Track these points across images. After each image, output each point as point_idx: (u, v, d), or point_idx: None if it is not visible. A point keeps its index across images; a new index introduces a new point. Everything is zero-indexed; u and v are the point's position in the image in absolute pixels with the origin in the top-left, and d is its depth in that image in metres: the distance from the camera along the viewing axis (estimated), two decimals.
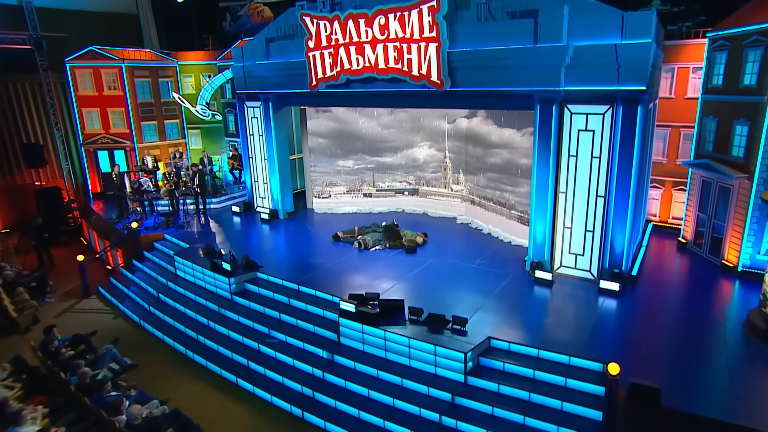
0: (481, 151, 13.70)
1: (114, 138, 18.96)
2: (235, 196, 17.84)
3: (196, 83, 20.66)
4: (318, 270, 11.15)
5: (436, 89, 10.95)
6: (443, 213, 15.27)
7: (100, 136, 18.82)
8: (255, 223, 15.12)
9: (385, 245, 12.52)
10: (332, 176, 15.98)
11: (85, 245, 16.98)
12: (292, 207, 15.83)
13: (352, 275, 10.82)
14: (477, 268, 11.09)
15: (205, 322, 10.64)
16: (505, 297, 9.68)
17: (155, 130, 19.83)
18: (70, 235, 17.79)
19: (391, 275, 10.77)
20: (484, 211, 13.86)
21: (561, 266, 10.65)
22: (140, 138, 19.35)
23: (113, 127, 18.90)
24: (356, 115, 15.35)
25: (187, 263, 12.09)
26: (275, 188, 15.42)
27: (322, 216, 15.66)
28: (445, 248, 12.39)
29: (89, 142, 18.79)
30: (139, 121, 19.26)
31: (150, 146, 19.68)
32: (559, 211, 10.39)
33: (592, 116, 9.60)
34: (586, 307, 9.25)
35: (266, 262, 11.60)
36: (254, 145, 15.76)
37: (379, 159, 15.71)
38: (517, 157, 12.40)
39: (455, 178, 14.95)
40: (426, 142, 15.26)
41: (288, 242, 13.51)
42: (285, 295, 10.36)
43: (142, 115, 19.32)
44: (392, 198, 15.93)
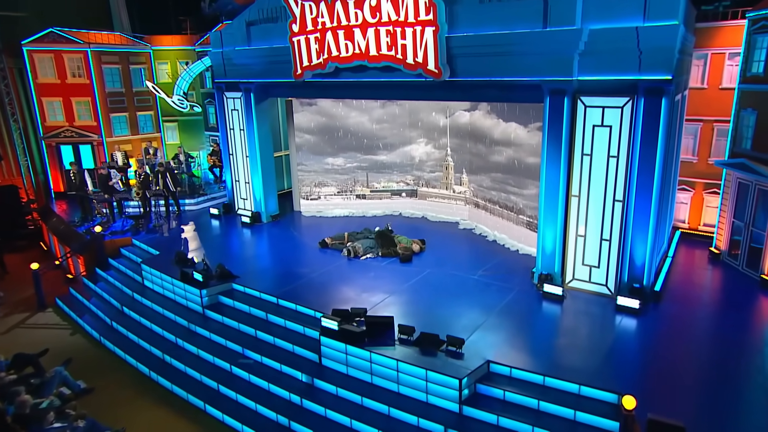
0: (483, 148, 13.64)
1: (79, 131, 18.85)
2: (215, 197, 17.90)
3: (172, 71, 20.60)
4: (301, 281, 11.06)
5: (434, 79, 10.86)
6: (444, 217, 15.22)
7: (64, 129, 18.69)
8: (235, 228, 15.11)
9: (378, 253, 12.46)
10: (322, 176, 15.97)
11: (45, 251, 16.91)
12: (276, 209, 15.81)
13: (339, 287, 10.74)
14: (479, 280, 10.97)
15: (172, 340, 10.55)
16: (509, 314, 9.52)
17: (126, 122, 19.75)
18: (28, 240, 17.70)
19: (381, 287, 10.66)
20: (489, 215, 13.79)
21: (573, 279, 10.50)
22: (109, 131, 19.27)
23: (78, 119, 18.77)
24: (346, 108, 15.35)
25: (155, 272, 12.02)
26: (258, 188, 15.38)
27: (310, 220, 15.62)
28: (445, 257, 12.30)
29: (51, 136, 18.65)
30: (108, 112, 19.18)
31: (120, 141, 19.60)
32: (571, 217, 10.23)
33: (609, 110, 9.44)
34: (600, 327, 9.08)
35: (244, 272, 11.53)
36: (235, 141, 15.71)
37: (372, 157, 15.73)
38: (523, 155, 12.30)
39: (458, 178, 14.90)
40: (423, 139, 15.27)
41: (270, 249, 13.49)
42: (262, 310, 10.26)
43: (111, 105, 19.21)
44: (388, 200, 15.94)
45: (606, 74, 9.28)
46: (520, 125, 12.24)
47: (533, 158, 11.85)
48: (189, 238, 14.34)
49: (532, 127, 11.86)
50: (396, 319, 8.96)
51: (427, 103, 14.71)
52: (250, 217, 15.17)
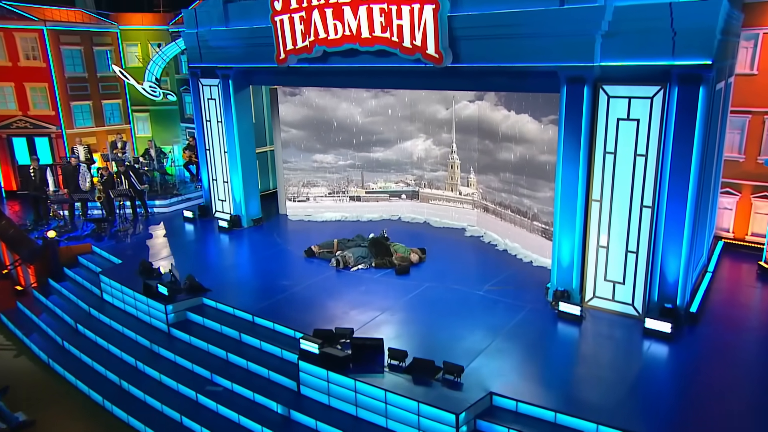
0: (491, 145, 13.60)
1: (34, 122, 18.86)
2: (191, 198, 18.00)
3: (143, 54, 20.62)
4: (282, 296, 11.04)
5: (434, 65, 10.79)
6: (449, 222, 15.22)
7: (16, 119, 18.67)
8: (211, 233, 15.17)
9: (370, 264, 12.44)
10: (310, 174, 16.03)
11: None
12: (259, 213, 15.84)
13: (324, 303, 10.70)
14: (485, 296, 10.91)
15: (131, 363, 10.48)
16: (518, 337, 9.41)
17: (90, 112, 19.79)
18: None
19: (373, 304, 10.61)
20: (500, 221, 13.75)
21: (593, 297, 10.39)
22: (70, 122, 19.28)
23: (33, 107, 18.78)
24: (335, 99, 15.40)
25: (115, 285, 12.01)
26: (237, 189, 15.39)
27: (297, 224, 15.67)
28: (447, 269, 12.24)
29: (1, 127, 18.60)
30: (68, 100, 19.18)
31: (83, 133, 19.62)
32: (592, 225, 10.11)
33: (636, 101, 9.32)
34: (625, 355, 8.92)
35: (217, 285, 11.51)
36: (211, 134, 15.75)
37: (367, 154, 15.79)
38: (535, 153, 12.24)
39: (464, 178, 14.87)
40: (422, 134, 15.32)
41: (249, 258, 13.51)
42: (236, 329, 10.23)
43: (72, 93, 19.19)
44: (386, 202, 16.01)
45: (633, 59, 9.16)
46: (532, 118, 12.19)
47: (547, 156, 11.79)
48: (157, 245, 14.34)
49: (547, 120, 11.81)
50: (386, 342, 8.87)
51: (426, 93, 14.67)
52: (228, 222, 15.20)
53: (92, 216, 16.12)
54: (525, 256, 12.73)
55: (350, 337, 9.01)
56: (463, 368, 8.16)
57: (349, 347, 8.78)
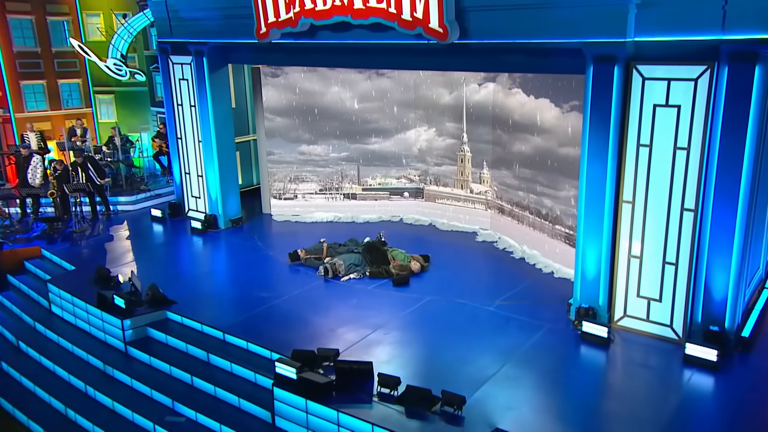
0: (504, 135, 13.55)
1: None
2: (161, 194, 18.09)
3: (106, 26, 20.67)
4: (259, 309, 11.04)
5: (438, 42, 10.70)
6: (458, 225, 15.28)
7: None
8: (182, 235, 15.19)
9: (364, 273, 12.46)
10: (299, 168, 16.13)
11: None
12: (238, 212, 15.91)
13: (308, 318, 10.68)
14: (496, 312, 10.84)
15: (81, 388, 10.39)
16: (533, 362, 9.29)
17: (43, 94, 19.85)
18: None
19: (364, 320, 10.56)
20: (517, 224, 13.76)
21: (624, 316, 10.26)
22: (19, 105, 19.34)
23: None
24: (323, 82, 15.46)
25: (65, 295, 11.97)
26: (214, 184, 15.43)
27: (282, 226, 15.74)
28: (453, 279, 12.22)
29: None
30: (17, 79, 19.22)
31: (35, 117, 19.65)
32: (622, 231, 9.98)
33: (677, 83, 9.15)
34: (661, 387, 8.74)
35: (185, 296, 11.49)
36: (183, 120, 15.81)
37: (362, 146, 15.87)
38: (555, 144, 12.14)
39: (476, 174, 14.87)
40: (424, 123, 15.40)
41: (225, 265, 13.54)
42: (203, 348, 10.19)
43: (21, 70, 19.20)
44: (386, 201, 16.11)
45: (674, 33, 9.00)
46: (552, 104, 12.11)
47: (570, 149, 11.69)
48: (118, 248, 14.36)
49: (569, 106, 11.71)
50: (377, 366, 8.78)
51: (428, 74, 14.65)
52: (202, 222, 15.24)
53: (44, 215, 16.12)
54: (545, 265, 12.68)
55: (334, 360, 8.93)
56: (464, 399, 8.02)
57: (332, 372, 8.70)
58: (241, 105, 17.75)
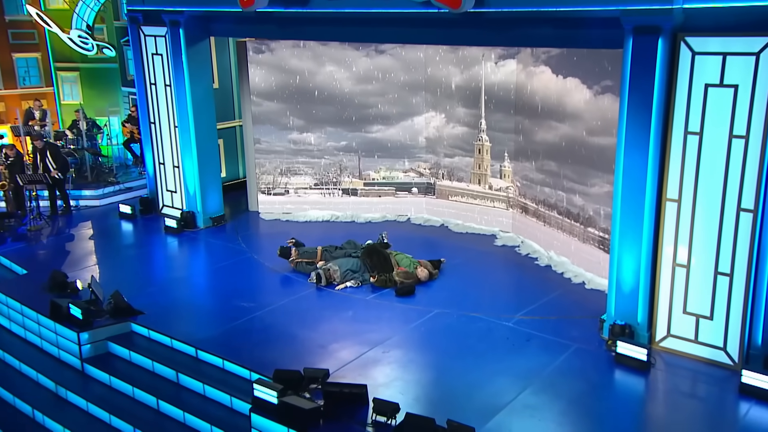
0: (527, 122, 13.45)
1: None
2: (133, 187, 18.08)
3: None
4: (239, 322, 11.02)
5: (450, 10, 10.57)
6: (475, 227, 15.30)
7: None
8: (154, 235, 15.24)
9: (363, 280, 12.43)
10: (291, 159, 16.18)
11: None
12: (220, 209, 15.98)
13: (295, 333, 10.62)
14: (515, 328, 10.74)
15: (28, 413, 10.26)
16: (557, 388, 9.13)
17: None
18: None
19: (360, 336, 10.50)
20: (543, 225, 13.72)
21: (667, 336, 10.05)
22: None
23: None
24: (316, 60, 15.53)
25: (14, 304, 11.91)
26: (192, 176, 15.42)
27: (271, 226, 15.79)
28: (466, 290, 12.18)
29: None
30: None
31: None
32: (666, 235, 9.80)
33: (734, 59, 8.92)
34: (712, 421, 8.55)
35: (153, 305, 11.48)
36: (157, 102, 15.79)
37: (363, 134, 15.89)
38: (585, 132, 12.07)
39: (496, 168, 14.85)
40: (432, 107, 15.45)
41: (203, 270, 13.60)
42: (172, 366, 10.12)
43: None
44: (391, 198, 16.13)
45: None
46: (583, 85, 12.00)
47: (603, 138, 11.62)
48: (78, 250, 14.31)
49: (602, 87, 11.62)
50: (373, 390, 8.68)
51: (437, 50, 14.68)
52: (178, 220, 15.25)
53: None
54: (575, 274, 12.56)
55: (323, 382, 8.85)
56: (474, 430, 7.80)
57: (320, 396, 8.62)
58: (225, 85, 17.66)
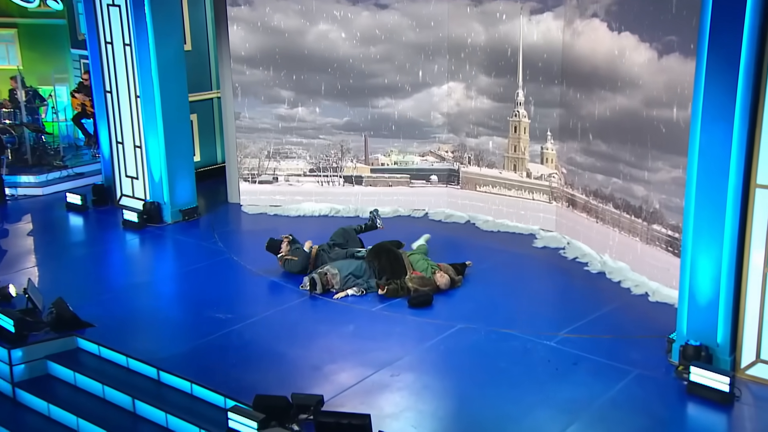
0: (575, 93, 13.41)
1: None
2: (84, 173, 18.29)
3: None
4: (213, 337, 10.96)
5: None
6: (508, 224, 15.29)
7: None
8: (110, 231, 15.29)
9: (366, 288, 12.42)
10: (279, 139, 16.29)
11: None
12: (193, 200, 16.10)
13: (282, 352, 10.53)
14: (559, 349, 10.64)
15: None
16: (612, 423, 8.99)
17: None
18: None
19: (363, 356, 10.39)
20: (596, 222, 13.67)
21: (757, 362, 9.91)
22: None
23: None
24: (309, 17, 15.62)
25: None
26: (157, 160, 15.55)
27: (256, 221, 15.90)
28: (497, 300, 12.11)
29: None
30: None
31: None
32: (755, 233, 9.67)
33: None
34: None
35: (107, 317, 11.43)
36: (115, 67, 15.88)
37: (369, 109, 15.94)
38: (646, 103, 12.03)
39: (536, 151, 14.86)
40: (457, 75, 15.41)
41: (170, 274, 13.64)
42: (128, 392, 10.03)
43: None
44: (404, 188, 16.27)
45: None
46: (644, 43, 12.01)
47: (670, 110, 11.56)
48: (14, 249, 14.34)
49: (668, 44, 11.56)
50: (378, 422, 8.63)
51: (454, 4, 14.79)
52: (140, 214, 15.40)
53: None
54: (635, 283, 12.45)
55: (316, 411, 8.82)
56: None
57: (312, 428, 8.61)
58: (200, 47, 17.79)
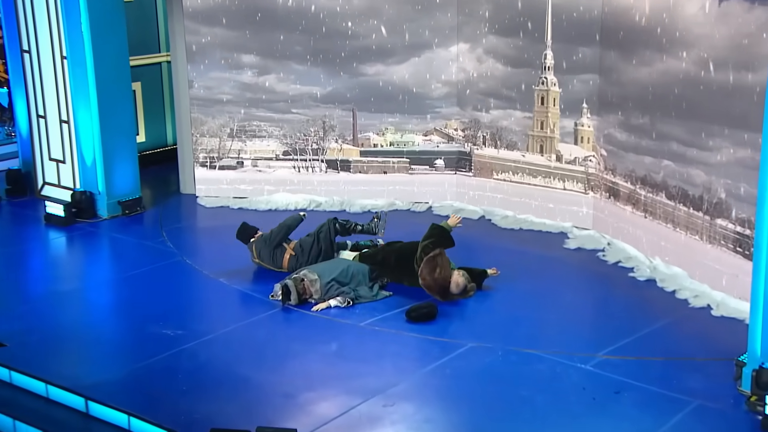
0: (616, 55, 13.72)
1: None
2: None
3: None
4: (159, 358, 11.00)
5: None
6: (534, 220, 15.46)
7: None
8: (29, 228, 15.69)
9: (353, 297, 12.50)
10: (245, 114, 16.64)
11: None
12: (136, 190, 16.43)
13: (247, 376, 10.51)
14: (597, 374, 10.63)
15: None
16: None
17: None
18: None
19: (349, 382, 10.36)
20: (643, 217, 13.79)
21: None
22: None
23: None
24: None
25: None
26: (89, 139, 15.74)
27: (216, 216, 16.24)
28: (518, 314, 12.14)
29: None
30: None
31: None
32: None
33: None
34: None
35: (23, 333, 11.59)
36: (34, 21, 16.09)
37: (356, 78, 16.27)
38: (702, 65, 12.19)
39: (569, 128, 15.02)
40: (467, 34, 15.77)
41: (105, 281, 13.80)
42: (47, 428, 10.09)
43: None
44: (403, 176, 16.70)
45: None
46: None
47: (736, 73, 11.67)
48: None
49: None
50: None
51: None
52: (67, 206, 15.58)
53: None
54: (695, 294, 12.47)
55: None
56: None
57: None
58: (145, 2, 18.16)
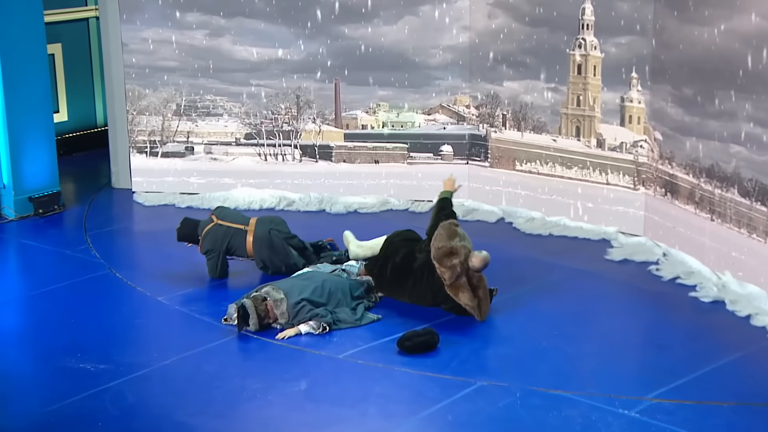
0: (671, 11, 14.21)
1: None
2: None
3: None
4: (78, 398, 11.02)
5: None
6: (569, 224, 15.97)
7: None
8: None
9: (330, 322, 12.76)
10: (195, 85, 17.38)
11: None
12: (54, 184, 17.14)
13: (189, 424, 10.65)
14: (645, 422, 10.64)
15: None
16: None
17: None
18: None
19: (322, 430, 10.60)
20: (709, 219, 14.04)
21: None
22: None
23: None
24: None
25: None
26: None
27: (157, 216, 16.89)
28: (542, 344, 12.35)
29: None
30: None
31: None
32: None
33: None
34: None
35: None
36: None
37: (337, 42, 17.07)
38: None
39: (613, 105, 15.32)
40: None
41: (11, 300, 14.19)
42: None
43: None
44: (400, 166, 17.42)
45: None
46: None
47: None
48: None
49: None
50: None
51: None
52: None
53: None
54: None
55: None
56: None
57: None
58: None
